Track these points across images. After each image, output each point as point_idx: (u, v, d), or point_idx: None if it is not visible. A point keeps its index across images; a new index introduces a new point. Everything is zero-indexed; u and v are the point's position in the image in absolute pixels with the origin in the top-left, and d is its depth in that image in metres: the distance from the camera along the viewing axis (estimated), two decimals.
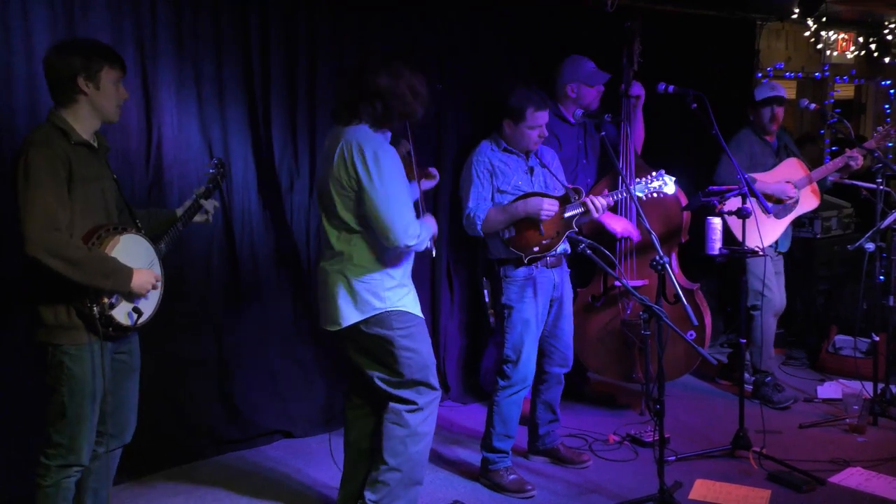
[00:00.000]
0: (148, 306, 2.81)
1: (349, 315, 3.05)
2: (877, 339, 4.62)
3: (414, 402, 3.11)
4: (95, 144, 2.76)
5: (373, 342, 3.09)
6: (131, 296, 2.73)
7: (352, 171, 2.94)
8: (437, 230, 3.22)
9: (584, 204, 3.71)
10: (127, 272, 2.67)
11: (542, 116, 3.75)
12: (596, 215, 3.74)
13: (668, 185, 3.86)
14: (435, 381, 3.15)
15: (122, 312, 2.72)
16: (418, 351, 3.10)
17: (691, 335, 4.26)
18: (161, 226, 3.02)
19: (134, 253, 2.75)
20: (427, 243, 3.14)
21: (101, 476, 2.92)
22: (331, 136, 3.11)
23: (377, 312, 3.05)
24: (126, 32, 3.60)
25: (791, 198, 4.65)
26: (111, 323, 2.68)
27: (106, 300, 2.66)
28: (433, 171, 3.44)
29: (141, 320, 2.78)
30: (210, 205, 3.15)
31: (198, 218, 3.13)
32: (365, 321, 3.05)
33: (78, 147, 2.67)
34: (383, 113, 3.00)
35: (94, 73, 2.68)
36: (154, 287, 2.79)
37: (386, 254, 3.06)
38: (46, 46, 3.33)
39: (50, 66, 2.69)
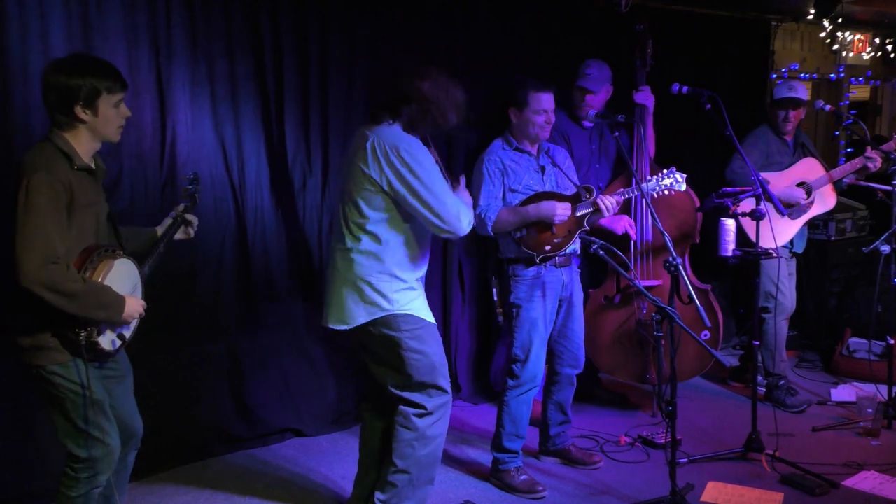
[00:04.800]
0: (128, 332, 2.74)
1: (357, 315, 3.04)
2: (891, 341, 4.58)
3: (422, 406, 3.10)
4: (94, 167, 2.67)
5: (380, 344, 3.08)
6: (117, 323, 2.66)
7: (386, 167, 2.95)
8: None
9: (594, 203, 3.70)
10: (120, 302, 2.60)
11: (547, 99, 3.72)
12: (607, 214, 3.72)
13: (680, 182, 3.85)
14: (445, 383, 3.14)
15: (106, 340, 2.65)
16: (426, 353, 3.08)
17: (705, 336, 4.25)
18: (142, 245, 2.94)
19: (123, 278, 2.67)
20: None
21: (115, 482, 2.88)
22: (358, 134, 3.10)
23: (384, 314, 3.04)
24: (141, 31, 3.62)
25: (802, 201, 4.62)
26: (94, 349, 2.61)
27: (94, 328, 2.59)
28: (462, 179, 3.38)
29: (122, 345, 2.73)
30: (195, 220, 3.08)
31: (179, 235, 3.05)
32: (372, 322, 3.04)
33: (79, 172, 2.58)
34: (419, 117, 3.03)
35: (92, 101, 2.55)
36: (141, 315, 2.72)
37: (396, 256, 3.05)
38: (62, 45, 3.36)
39: (46, 89, 2.55)
